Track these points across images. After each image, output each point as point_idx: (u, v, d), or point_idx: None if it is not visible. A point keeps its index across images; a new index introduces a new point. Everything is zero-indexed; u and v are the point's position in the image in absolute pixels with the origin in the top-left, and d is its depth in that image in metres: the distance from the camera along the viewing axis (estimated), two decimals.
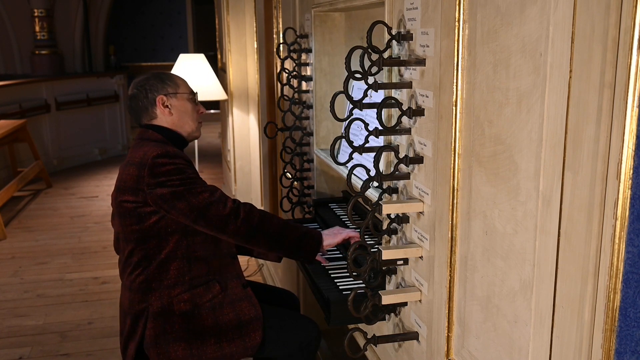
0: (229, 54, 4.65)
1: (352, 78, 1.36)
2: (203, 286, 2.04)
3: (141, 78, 2.13)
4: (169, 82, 2.11)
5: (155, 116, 2.11)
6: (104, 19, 9.08)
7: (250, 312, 2.05)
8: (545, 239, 0.96)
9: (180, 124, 2.12)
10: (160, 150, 1.95)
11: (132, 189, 1.97)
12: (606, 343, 0.90)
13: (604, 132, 0.89)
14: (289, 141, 2.71)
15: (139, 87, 2.10)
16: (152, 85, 2.09)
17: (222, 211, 1.94)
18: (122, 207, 2.00)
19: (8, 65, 8.26)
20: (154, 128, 2.10)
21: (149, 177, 1.93)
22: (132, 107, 2.14)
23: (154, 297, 2.01)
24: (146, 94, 2.09)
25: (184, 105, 2.12)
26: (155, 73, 2.15)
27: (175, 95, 2.11)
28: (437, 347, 1.34)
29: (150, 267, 2.01)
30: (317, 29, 2.34)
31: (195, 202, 1.93)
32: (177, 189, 1.92)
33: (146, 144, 2.03)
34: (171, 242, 2.00)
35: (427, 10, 1.28)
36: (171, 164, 1.94)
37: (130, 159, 2.02)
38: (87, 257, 4.68)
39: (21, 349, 3.29)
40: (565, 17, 0.88)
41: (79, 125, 8.05)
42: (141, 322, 2.02)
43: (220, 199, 1.95)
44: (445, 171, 1.24)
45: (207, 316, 2.02)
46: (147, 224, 1.98)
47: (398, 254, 1.43)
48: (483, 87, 1.08)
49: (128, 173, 1.99)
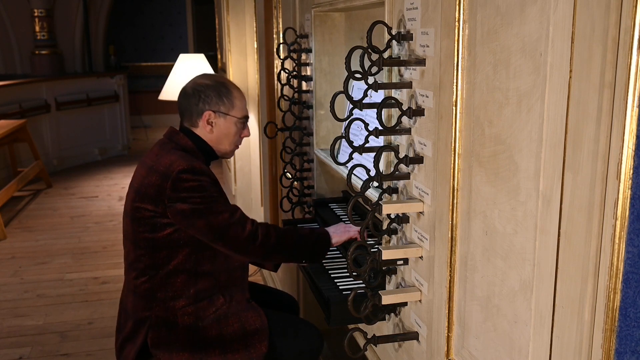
0: (229, 54, 4.65)
1: (352, 78, 1.36)
2: (207, 299, 2.01)
3: (203, 82, 2.05)
4: (226, 99, 2.03)
5: (196, 125, 2.05)
6: (104, 19, 9.07)
7: (256, 322, 2.03)
8: (545, 239, 0.96)
9: (216, 143, 2.07)
10: (186, 164, 1.91)
11: (153, 198, 1.93)
12: (606, 343, 0.90)
13: (604, 132, 0.89)
14: (289, 141, 2.71)
15: (195, 91, 2.04)
16: (207, 96, 2.02)
17: (241, 234, 1.93)
18: (139, 213, 1.96)
19: (8, 65, 8.26)
20: (188, 134, 2.05)
21: (171, 191, 1.89)
22: (181, 103, 2.08)
23: (158, 307, 1.99)
24: (198, 101, 2.03)
25: (228, 128, 2.06)
26: (218, 83, 2.06)
27: (225, 115, 2.04)
28: (437, 347, 1.34)
29: (156, 277, 1.99)
30: (317, 29, 2.34)
31: (215, 222, 1.91)
32: (198, 207, 1.89)
33: (174, 151, 1.98)
34: (181, 255, 1.97)
35: (427, 10, 1.28)
36: (195, 180, 1.90)
37: (154, 164, 1.96)
38: (87, 257, 4.68)
39: (21, 349, 3.29)
40: (565, 17, 0.88)
41: (79, 125, 8.05)
42: (143, 329, 2.00)
43: (239, 221, 1.94)
44: (445, 171, 1.24)
45: (211, 327, 2.00)
46: (160, 234, 1.95)
47: (398, 254, 1.43)
48: (483, 87, 1.08)
49: (150, 181, 1.94)
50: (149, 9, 11.58)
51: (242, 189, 4.84)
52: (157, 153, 2.02)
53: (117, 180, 7.17)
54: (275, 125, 2.81)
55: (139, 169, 2.03)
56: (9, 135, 5.93)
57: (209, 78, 2.08)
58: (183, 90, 2.07)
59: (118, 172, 7.60)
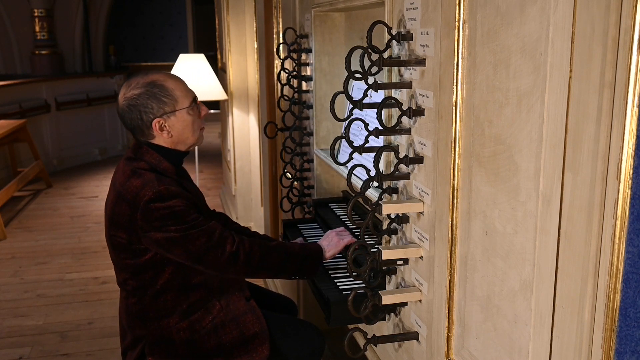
0: (229, 54, 4.65)
1: (352, 78, 1.36)
2: (201, 310, 1.97)
3: (132, 93, 1.87)
4: (165, 98, 1.86)
5: (152, 137, 1.92)
6: (104, 19, 9.08)
7: (255, 326, 1.99)
8: (545, 239, 0.96)
9: (181, 140, 1.94)
10: (152, 193, 1.79)
11: (126, 227, 1.85)
12: (606, 343, 0.90)
13: (604, 132, 0.89)
14: (289, 141, 2.71)
15: (131, 106, 1.87)
16: (145, 106, 1.86)
17: (221, 256, 1.85)
18: (115, 241, 1.90)
19: (8, 65, 8.26)
20: (151, 146, 1.92)
21: (142, 221, 1.81)
22: (124, 121, 1.92)
23: (152, 325, 1.95)
24: (140, 115, 1.87)
25: (184, 121, 1.91)
26: (148, 85, 1.87)
27: (173, 113, 1.89)
28: (437, 347, 1.34)
29: (145, 297, 1.94)
30: (317, 29, 2.34)
31: (192, 248, 1.82)
32: (172, 235, 1.80)
33: (140, 173, 1.86)
34: (167, 273, 1.90)
35: (427, 10, 1.28)
36: (165, 207, 1.80)
37: (122, 190, 1.86)
38: (87, 257, 4.68)
39: (21, 349, 3.29)
40: (565, 17, 0.88)
41: (79, 125, 8.05)
42: (140, 346, 1.98)
43: (218, 243, 1.84)
44: (445, 171, 1.24)
45: (209, 338, 1.96)
46: (142, 259, 1.88)
47: (398, 254, 1.43)
48: (483, 87, 1.08)
49: (120, 208, 1.85)
50: (149, 9, 11.59)
51: (242, 189, 4.84)
52: (123, 172, 1.91)
53: None
54: (275, 125, 2.81)
55: (111, 190, 1.96)
56: (9, 135, 5.93)
57: (135, 86, 1.88)
58: (119, 110, 1.91)
59: None
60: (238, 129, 4.79)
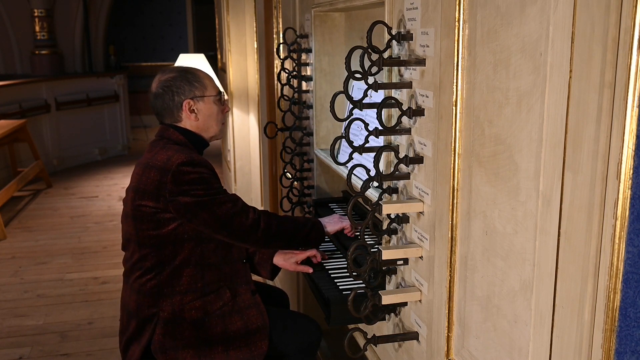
0: (229, 54, 4.65)
1: (352, 78, 1.36)
2: (214, 293, 2.03)
3: (167, 76, 2.05)
4: (197, 83, 2.05)
5: (180, 119, 2.06)
6: (104, 19, 9.08)
7: (258, 320, 2.05)
8: (545, 239, 0.96)
9: (205, 128, 2.09)
10: (185, 157, 1.91)
11: (153, 194, 1.93)
12: (606, 343, 0.90)
13: (604, 132, 0.89)
14: (289, 141, 2.71)
15: (165, 88, 2.03)
16: (179, 87, 2.02)
17: (245, 222, 1.96)
18: (140, 211, 1.96)
19: (8, 65, 8.26)
20: (177, 129, 2.06)
21: (172, 185, 1.90)
22: (155, 106, 2.07)
23: (165, 303, 2.00)
24: (172, 96, 2.03)
25: (210, 109, 2.07)
26: (182, 71, 2.06)
27: (202, 98, 2.05)
28: (437, 347, 1.34)
29: (163, 273, 1.99)
30: (317, 29, 2.34)
31: (219, 212, 1.92)
32: (201, 199, 1.90)
33: (169, 147, 1.99)
34: (186, 249, 1.98)
35: (427, 10, 1.28)
36: (195, 172, 1.91)
37: (151, 161, 1.97)
38: (87, 257, 4.68)
39: (21, 349, 3.30)
40: (565, 17, 0.88)
41: (79, 125, 8.05)
42: (149, 327, 2.01)
43: (242, 210, 1.97)
44: (445, 171, 1.24)
45: (217, 324, 2.02)
46: (165, 230, 1.95)
47: (398, 254, 1.43)
48: (483, 87, 1.08)
49: (148, 177, 1.94)
50: (149, 9, 11.58)
51: (242, 189, 4.83)
52: (151, 151, 2.02)
53: (117, 180, 7.17)
54: (275, 125, 2.81)
55: (136, 170, 2.04)
56: (9, 135, 5.93)
57: (170, 71, 2.07)
58: (152, 92, 2.07)
59: (118, 172, 7.61)
60: (238, 129, 4.79)
